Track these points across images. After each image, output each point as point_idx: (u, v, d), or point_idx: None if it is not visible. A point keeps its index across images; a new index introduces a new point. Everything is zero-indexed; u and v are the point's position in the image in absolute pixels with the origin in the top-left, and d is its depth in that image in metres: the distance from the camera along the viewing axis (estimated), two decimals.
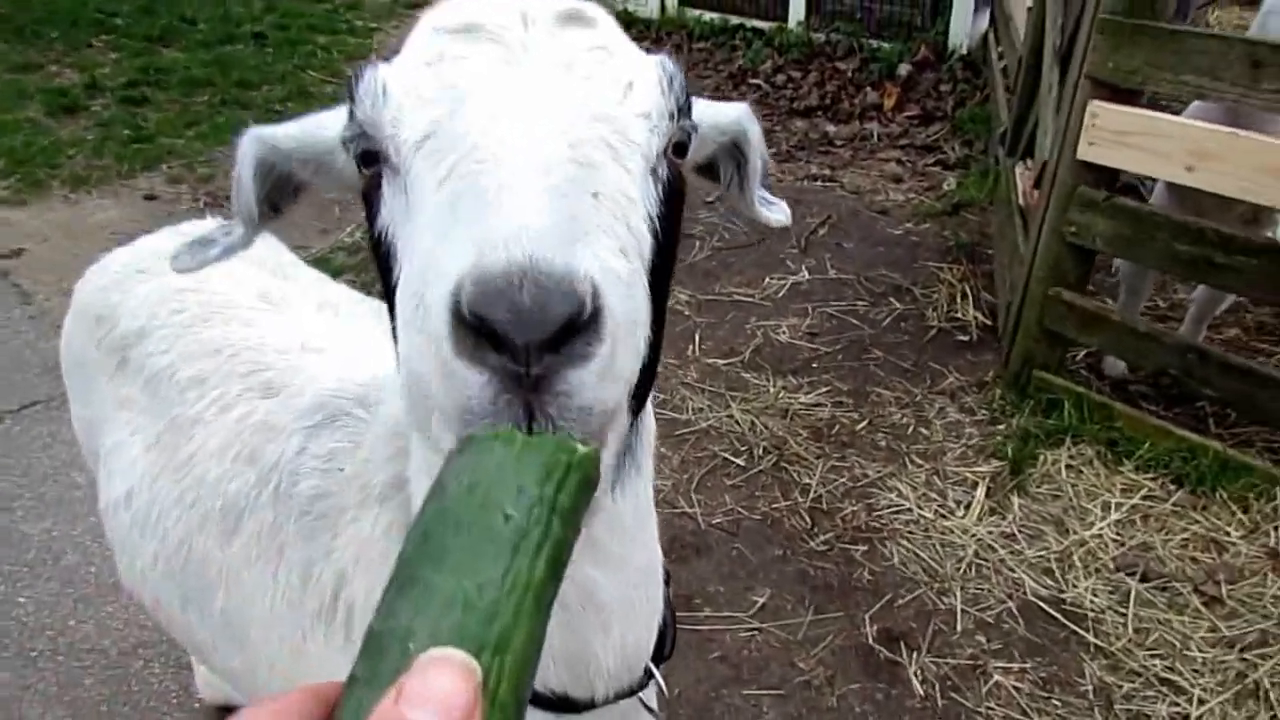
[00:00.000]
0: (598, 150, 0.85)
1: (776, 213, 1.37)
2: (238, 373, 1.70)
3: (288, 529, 1.46)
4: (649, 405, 1.19)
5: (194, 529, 1.63)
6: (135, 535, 1.76)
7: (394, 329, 0.94)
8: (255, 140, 1.14)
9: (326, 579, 1.39)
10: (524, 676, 0.57)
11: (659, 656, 1.35)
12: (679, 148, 0.99)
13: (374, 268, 1.03)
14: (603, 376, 0.73)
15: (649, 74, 0.95)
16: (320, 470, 1.45)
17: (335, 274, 3.90)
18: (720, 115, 1.21)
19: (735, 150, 1.26)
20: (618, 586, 1.18)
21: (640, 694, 1.32)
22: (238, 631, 1.58)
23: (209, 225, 1.29)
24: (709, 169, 1.30)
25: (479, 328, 0.68)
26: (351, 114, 0.95)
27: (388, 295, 0.97)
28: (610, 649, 1.22)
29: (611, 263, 0.78)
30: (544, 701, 1.20)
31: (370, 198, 0.98)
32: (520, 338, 0.67)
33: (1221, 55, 3.02)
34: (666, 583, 1.40)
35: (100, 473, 1.95)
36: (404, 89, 0.90)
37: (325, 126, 1.12)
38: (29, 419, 4.24)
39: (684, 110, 0.98)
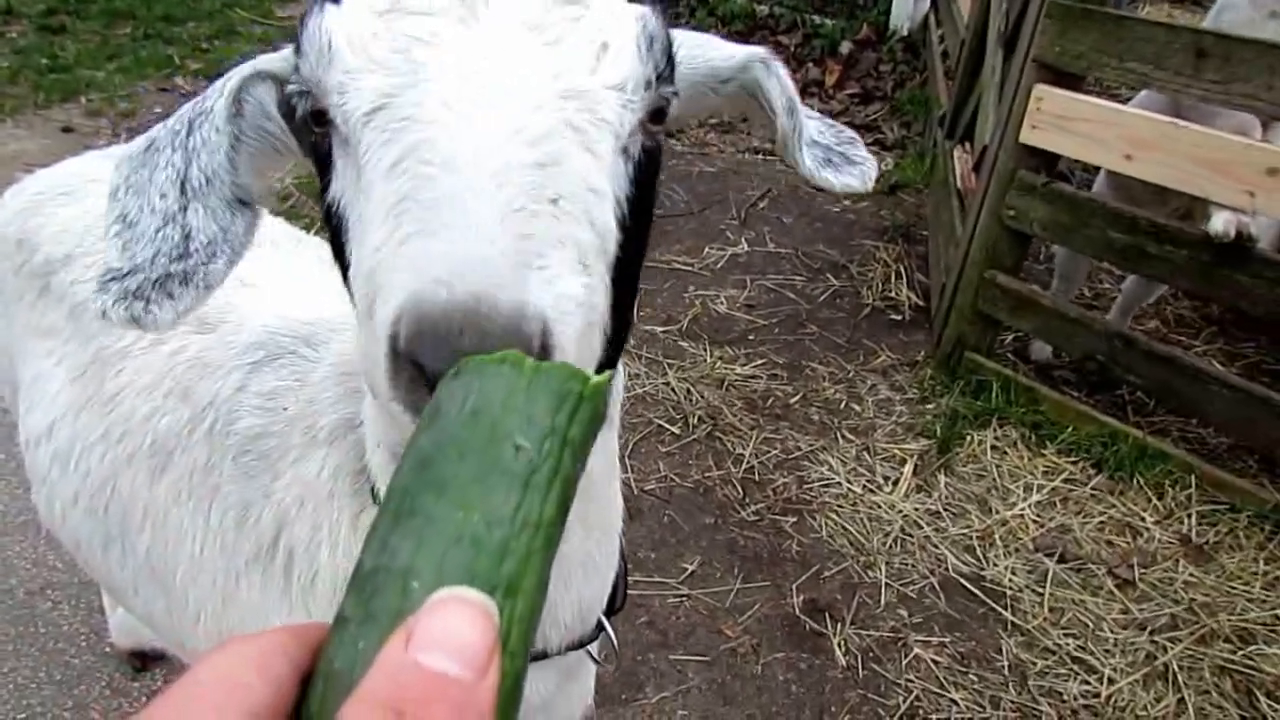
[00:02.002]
0: (562, 140, 0.76)
1: (848, 175, 1.15)
2: None
3: (223, 468, 1.37)
4: (619, 363, 1.13)
5: (120, 466, 1.53)
6: (55, 471, 1.65)
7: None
8: (261, 78, 0.99)
9: (266, 521, 1.32)
10: (533, 622, 0.52)
11: (610, 609, 1.32)
12: (656, 114, 0.89)
13: (326, 233, 0.94)
14: None
15: (626, 32, 0.85)
16: (261, 409, 1.36)
17: None
18: (719, 61, 1.07)
19: (754, 103, 1.10)
20: (580, 541, 1.15)
21: (589, 647, 1.30)
22: (162, 574, 1.50)
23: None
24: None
25: (414, 367, 0.64)
26: (297, 67, 0.86)
27: (341, 266, 0.89)
28: (568, 603, 1.20)
29: (567, 287, 0.71)
30: None
31: (321, 162, 0.90)
32: None
33: (1166, 44, 3.06)
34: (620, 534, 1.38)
35: (20, 405, 1.83)
36: (352, 46, 0.81)
37: None
38: None
39: (664, 76, 0.87)
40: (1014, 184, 3.67)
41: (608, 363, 0.95)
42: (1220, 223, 3.06)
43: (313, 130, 0.88)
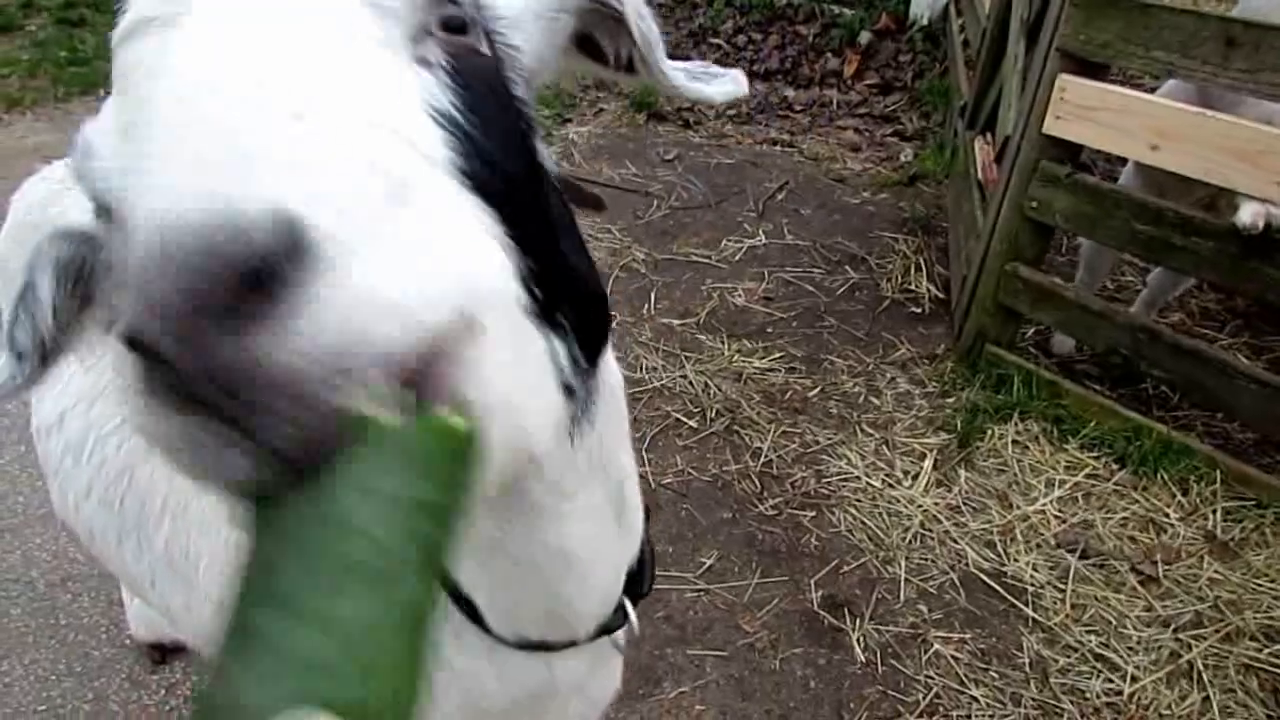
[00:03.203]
0: (299, 59, 0.58)
1: (721, 84, 1.06)
2: None
3: None
4: (608, 355, 1.07)
5: (137, 457, 1.52)
6: (68, 462, 1.64)
7: None
8: (64, 239, 0.90)
9: None
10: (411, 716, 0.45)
11: (636, 594, 1.31)
12: (454, 24, 0.75)
13: None
14: (343, 315, 0.48)
15: None
16: None
17: None
18: None
19: (604, 15, 0.97)
20: (592, 535, 1.13)
21: (616, 632, 1.30)
22: (183, 567, 1.49)
23: None
24: (591, 46, 1.02)
25: (144, 353, 0.48)
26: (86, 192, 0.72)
27: None
28: (588, 595, 1.18)
29: (330, 176, 0.51)
30: (524, 645, 1.18)
31: None
32: (168, 339, 0.45)
33: (1195, 32, 3.00)
34: (647, 517, 1.37)
35: (33, 394, 1.83)
36: (102, 132, 0.69)
37: None
38: None
39: None
40: (1036, 175, 3.62)
41: (595, 323, 0.87)
42: (1248, 214, 3.00)
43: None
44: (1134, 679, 2.85)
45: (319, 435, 0.47)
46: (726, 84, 1.05)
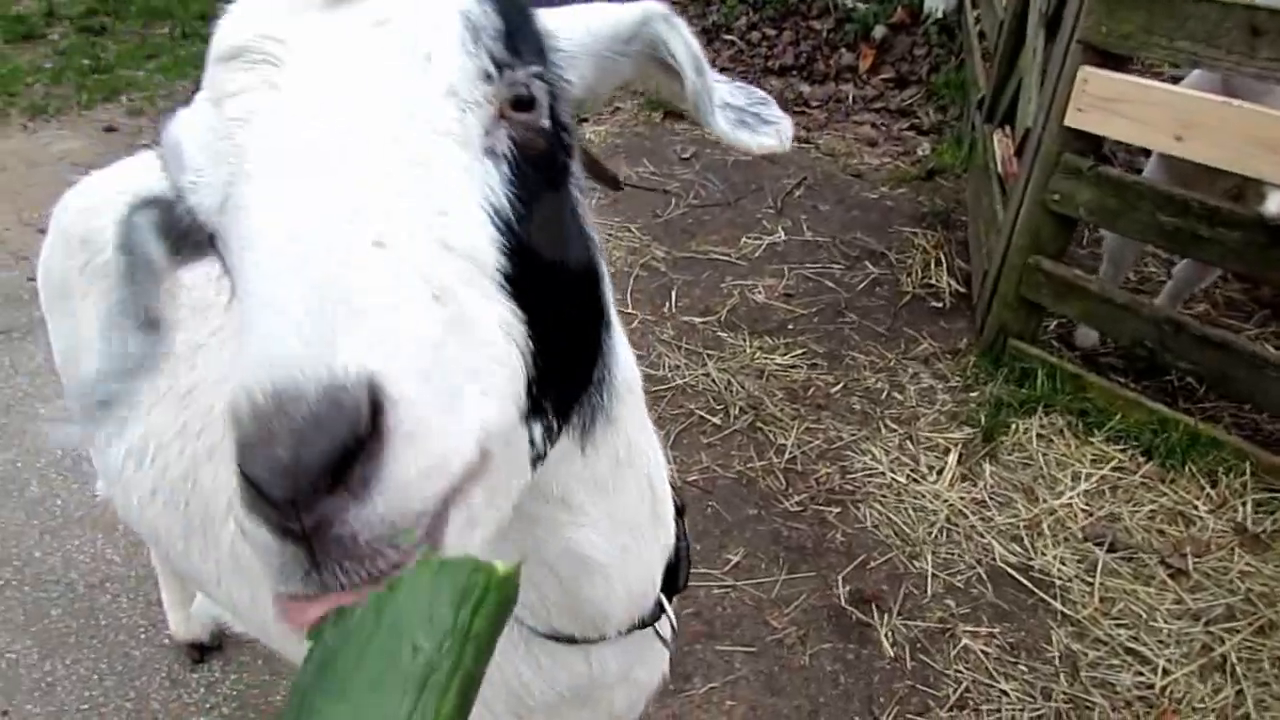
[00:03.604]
0: (384, 176, 0.69)
1: (764, 135, 1.09)
2: None
3: None
4: (624, 356, 1.12)
5: (200, 459, 1.55)
6: (130, 467, 1.68)
7: None
8: (155, 205, 0.98)
9: None
10: None
11: (673, 588, 1.33)
12: (520, 103, 0.81)
13: None
14: (403, 484, 0.60)
15: (448, 34, 0.78)
16: None
17: None
18: (614, 24, 0.97)
19: (660, 61, 1.03)
20: (608, 540, 1.15)
21: (655, 625, 1.33)
22: (247, 564, 1.52)
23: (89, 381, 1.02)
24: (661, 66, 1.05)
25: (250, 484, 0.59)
26: (168, 178, 0.83)
27: None
28: (615, 597, 1.21)
29: (398, 328, 0.63)
30: (556, 637, 1.21)
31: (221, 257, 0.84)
32: (279, 494, 0.57)
33: (1219, 22, 2.98)
34: (681, 514, 1.40)
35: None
36: (197, 145, 0.78)
37: None
38: None
39: (507, 61, 0.80)
40: (1059, 167, 3.61)
41: (578, 385, 0.93)
42: (1275, 204, 2.99)
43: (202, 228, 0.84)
44: (1166, 672, 2.84)
45: (376, 578, 0.60)
46: (766, 137, 1.08)
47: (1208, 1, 3.02)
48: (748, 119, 1.09)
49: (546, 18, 0.91)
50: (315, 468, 0.56)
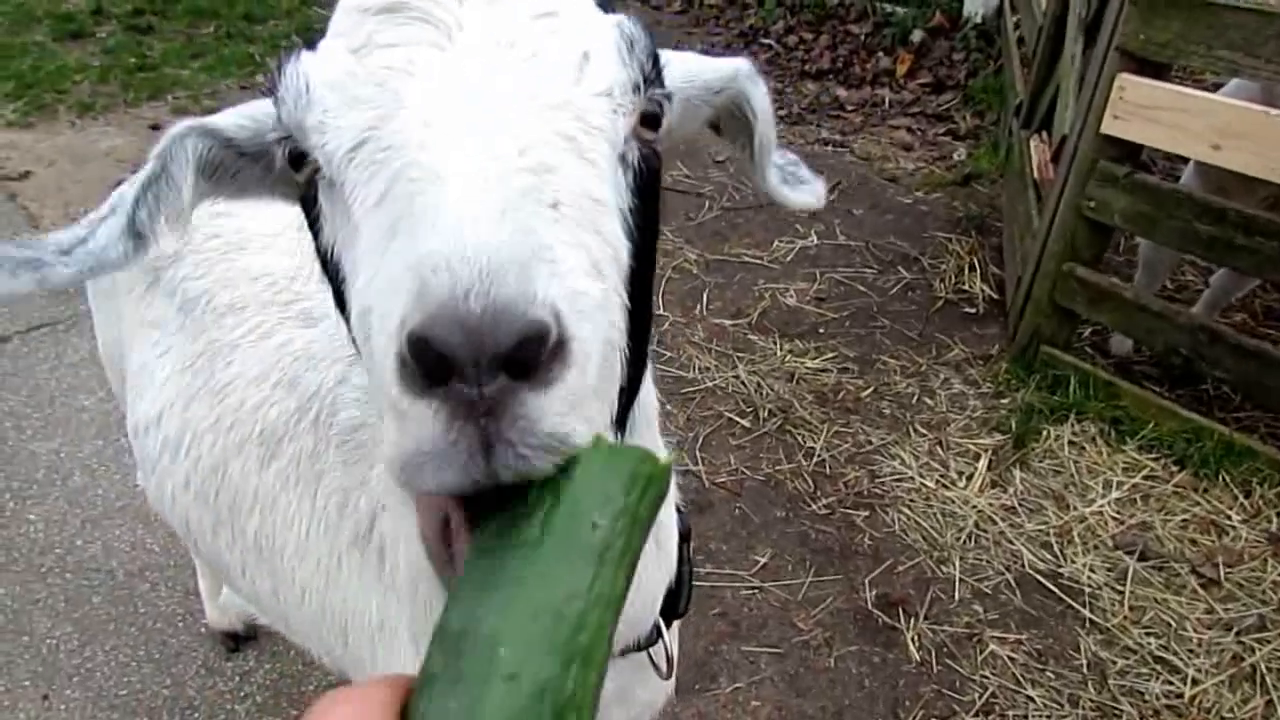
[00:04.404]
0: (554, 149, 0.74)
1: (803, 193, 1.21)
2: (278, 301, 1.68)
3: (328, 456, 1.45)
4: (648, 380, 1.15)
5: (230, 453, 1.61)
6: (166, 458, 1.74)
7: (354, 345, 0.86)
8: (198, 134, 0.99)
9: (363, 508, 1.39)
10: (600, 687, 0.57)
11: (673, 613, 1.34)
12: (649, 119, 0.86)
13: (327, 285, 0.93)
14: (572, 406, 0.63)
15: (605, 40, 0.83)
16: (359, 401, 1.44)
17: None
18: (710, 73, 1.07)
19: (738, 113, 1.12)
20: None
21: (650, 650, 1.33)
22: (269, 556, 1.58)
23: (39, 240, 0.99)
24: (714, 126, 1.17)
25: (424, 355, 0.59)
26: (277, 113, 0.84)
27: (342, 311, 0.89)
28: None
29: (580, 284, 0.68)
30: None
31: (308, 208, 0.88)
32: (468, 353, 0.57)
33: (1258, 30, 2.97)
34: (686, 539, 1.40)
35: (128, 394, 1.93)
36: (329, 85, 0.79)
37: (271, 112, 0.94)
38: (35, 341, 4.26)
39: (651, 79, 0.85)
40: (1094, 175, 3.60)
41: (629, 390, 0.96)
42: None
43: (295, 177, 0.87)
44: (1195, 682, 2.83)
45: (524, 476, 0.62)
46: (806, 195, 1.21)
47: (1246, 10, 3.00)
48: (788, 178, 1.21)
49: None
50: (508, 337, 0.58)
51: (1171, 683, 2.84)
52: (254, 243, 1.82)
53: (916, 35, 7.51)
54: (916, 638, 3.00)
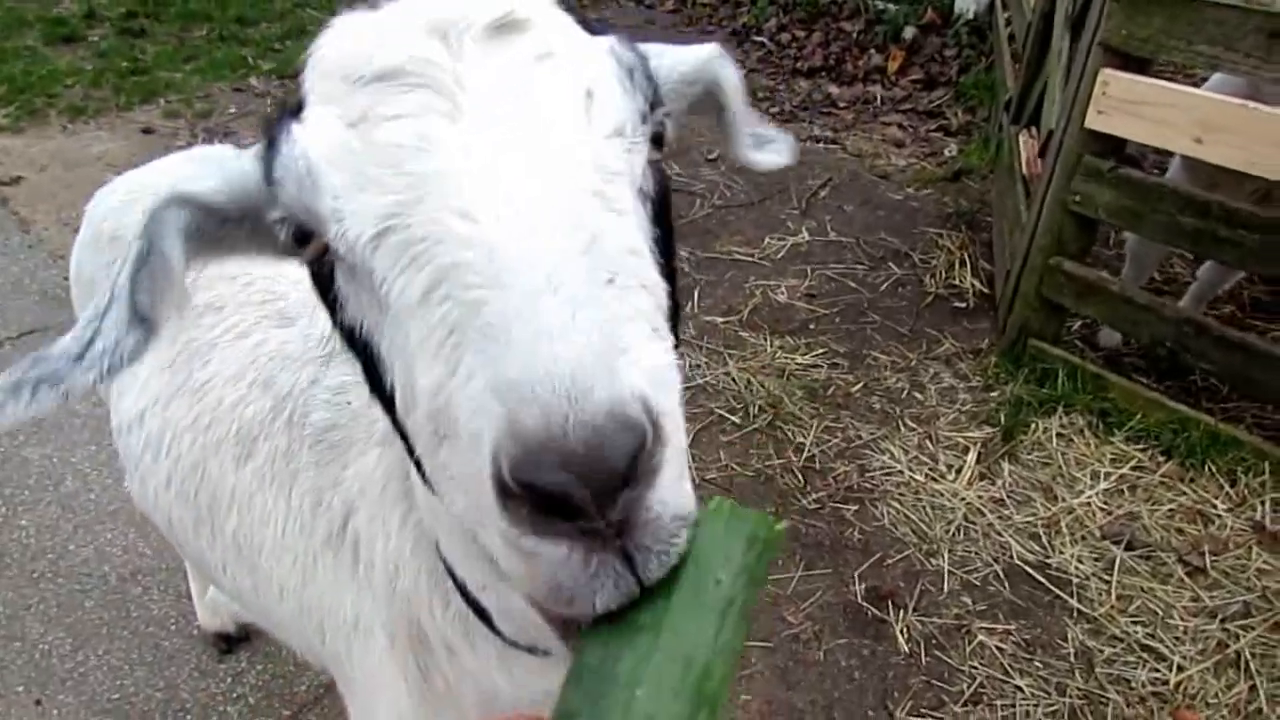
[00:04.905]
0: (594, 214, 0.72)
1: (771, 153, 1.25)
2: (253, 300, 1.71)
3: (301, 456, 1.48)
4: None
5: (209, 452, 1.64)
6: (148, 458, 1.77)
7: (394, 423, 0.86)
8: (177, 204, 0.93)
9: (336, 507, 1.42)
10: None
11: None
12: (657, 140, 0.86)
13: (354, 358, 0.91)
14: (679, 475, 0.66)
15: (604, 71, 0.81)
16: (330, 403, 1.46)
17: None
18: (683, 64, 1.09)
19: (711, 98, 1.15)
20: None
21: None
22: (248, 553, 1.61)
23: (25, 363, 0.94)
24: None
25: (534, 496, 0.60)
26: (274, 195, 0.81)
27: (375, 388, 0.87)
28: None
29: (651, 358, 0.68)
30: (535, 650, 1.23)
31: (321, 284, 0.86)
32: (584, 492, 0.59)
33: (1237, 26, 3.00)
34: None
35: (111, 394, 1.96)
36: (332, 164, 0.76)
37: (250, 174, 0.89)
38: (27, 346, 4.27)
39: (655, 101, 0.85)
40: (1080, 169, 3.63)
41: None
42: None
43: (299, 251, 0.84)
44: (1180, 668, 2.86)
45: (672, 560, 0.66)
46: (773, 155, 1.25)
47: (1226, 6, 3.03)
48: (761, 144, 1.24)
49: None
50: (620, 464, 0.60)
51: (1158, 670, 2.87)
52: None
53: (908, 32, 7.54)
54: (906, 630, 3.03)
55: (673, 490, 0.65)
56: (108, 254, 1.98)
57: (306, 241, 0.82)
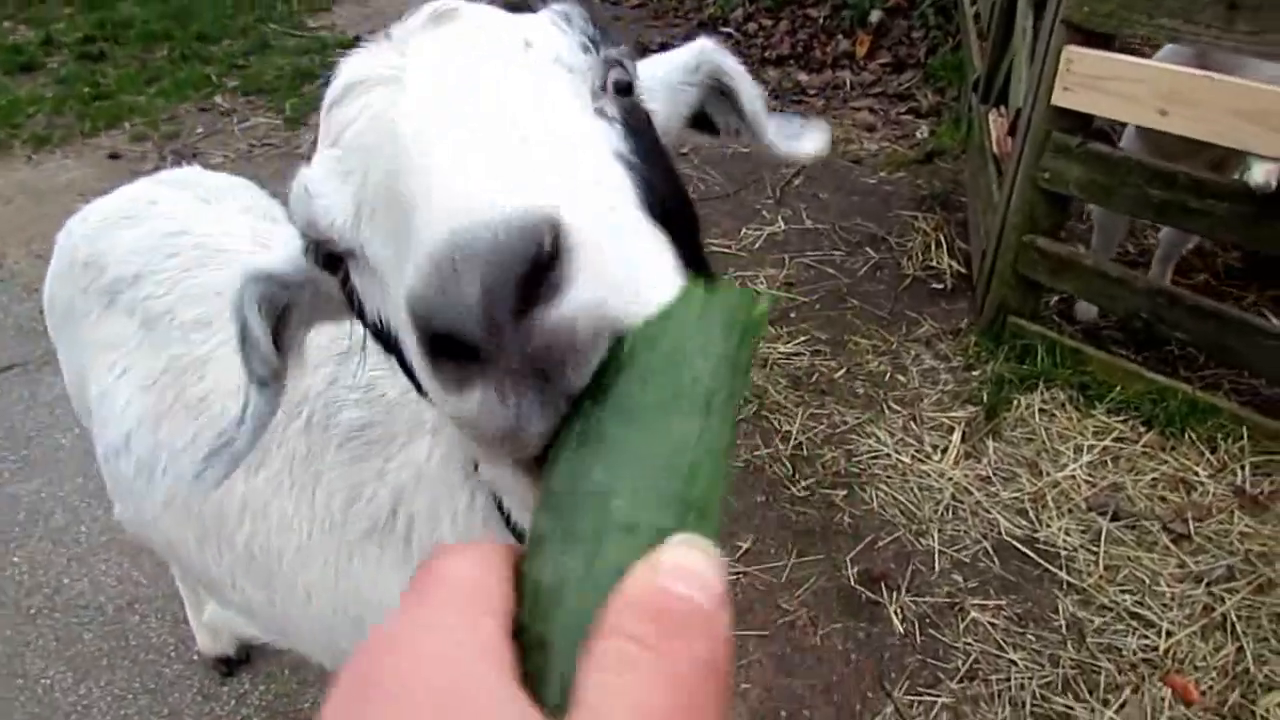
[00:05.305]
0: (519, 103, 0.73)
1: (808, 141, 1.25)
2: None
3: (325, 457, 1.49)
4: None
5: None
6: (141, 482, 1.77)
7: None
8: (257, 279, 1.08)
9: (382, 497, 1.43)
10: (717, 540, 0.54)
11: None
12: (622, 86, 0.88)
13: (394, 361, 0.93)
14: (607, 283, 0.60)
15: (540, 23, 0.87)
16: (362, 401, 1.48)
17: None
18: (680, 59, 1.14)
19: (720, 88, 1.17)
20: None
21: None
22: (264, 562, 1.61)
23: (221, 431, 1.22)
24: (704, 122, 1.22)
25: (435, 342, 0.58)
26: (296, 229, 0.89)
27: (409, 373, 0.88)
28: None
29: (566, 170, 0.67)
30: None
31: (350, 296, 0.90)
32: (477, 326, 0.56)
33: None
34: None
35: (94, 423, 1.96)
36: (321, 177, 0.83)
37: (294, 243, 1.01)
38: (6, 382, 4.24)
39: (599, 41, 0.88)
40: (1049, 146, 3.67)
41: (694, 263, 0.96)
42: (1260, 174, 3.04)
43: (332, 277, 0.89)
44: (1169, 634, 2.91)
45: (591, 369, 0.60)
46: (810, 143, 1.25)
47: None
48: (792, 135, 1.25)
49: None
50: (504, 283, 0.55)
51: (1147, 637, 2.92)
52: (213, 259, 1.86)
53: (875, 16, 7.57)
54: (899, 610, 3.07)
55: (588, 296, 0.59)
56: (82, 280, 1.98)
57: (335, 268, 0.87)
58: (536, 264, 0.57)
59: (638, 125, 0.88)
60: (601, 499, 0.53)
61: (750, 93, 1.17)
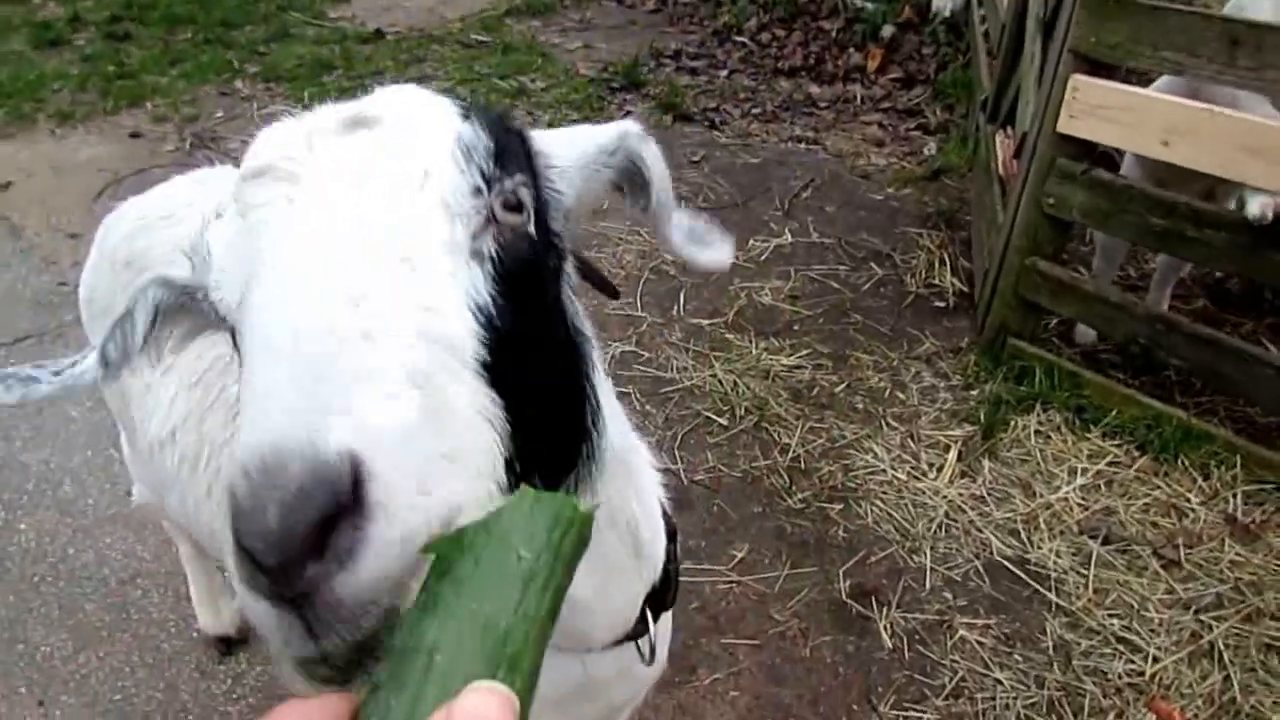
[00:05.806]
0: (377, 273, 0.78)
1: (710, 253, 1.25)
2: None
3: None
4: (616, 434, 1.19)
5: None
6: (184, 472, 1.83)
7: None
8: (165, 284, 1.13)
9: None
10: (529, 697, 0.64)
11: (660, 605, 1.45)
12: (509, 206, 0.92)
13: None
14: (382, 553, 0.65)
15: (443, 152, 0.89)
16: None
17: None
18: (601, 137, 1.13)
19: (635, 173, 1.17)
20: (586, 578, 1.27)
21: (639, 640, 1.44)
22: None
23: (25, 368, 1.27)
24: (617, 189, 1.22)
25: (242, 551, 0.63)
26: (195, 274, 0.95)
27: None
28: (595, 623, 1.35)
29: (380, 416, 0.69)
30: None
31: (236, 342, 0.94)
32: (271, 560, 0.61)
33: (1200, 32, 3.08)
34: (673, 538, 1.53)
35: (134, 414, 2.01)
36: (223, 248, 0.89)
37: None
38: (22, 352, 4.31)
39: (498, 176, 0.91)
40: (1054, 172, 3.71)
41: (566, 459, 1.05)
42: (1256, 206, 3.08)
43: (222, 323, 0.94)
44: (1155, 660, 2.95)
45: (361, 638, 0.67)
46: (714, 254, 1.25)
47: (1189, 14, 3.12)
48: (699, 239, 1.26)
49: (541, 139, 1.07)
50: (300, 533, 0.61)
51: (1133, 661, 2.96)
52: None
53: (887, 30, 7.62)
54: (889, 626, 3.11)
55: (369, 575, 0.64)
56: (123, 278, 2.03)
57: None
58: (335, 510, 0.62)
59: (517, 253, 0.91)
60: (429, 654, 0.63)
61: (662, 186, 1.17)
